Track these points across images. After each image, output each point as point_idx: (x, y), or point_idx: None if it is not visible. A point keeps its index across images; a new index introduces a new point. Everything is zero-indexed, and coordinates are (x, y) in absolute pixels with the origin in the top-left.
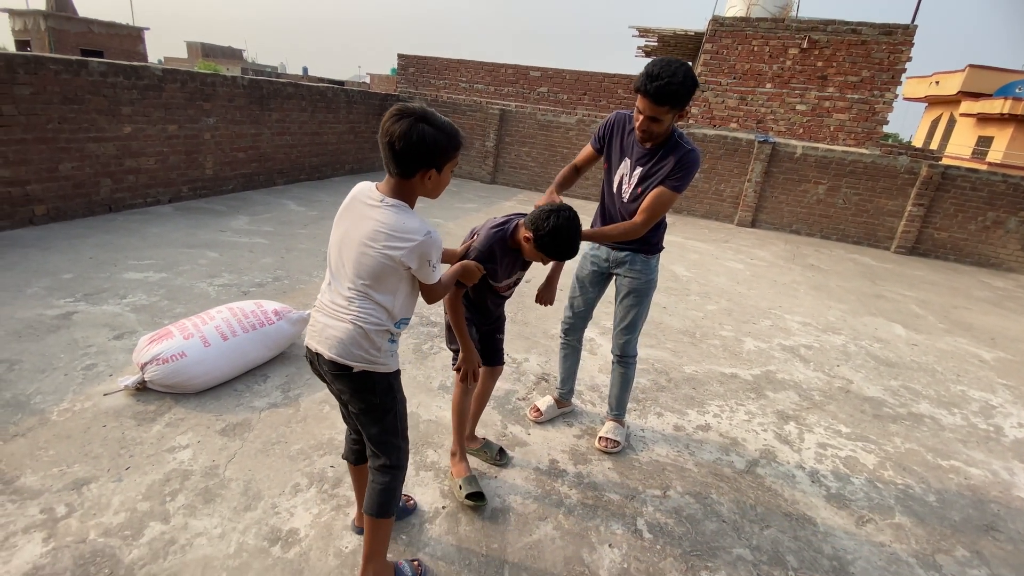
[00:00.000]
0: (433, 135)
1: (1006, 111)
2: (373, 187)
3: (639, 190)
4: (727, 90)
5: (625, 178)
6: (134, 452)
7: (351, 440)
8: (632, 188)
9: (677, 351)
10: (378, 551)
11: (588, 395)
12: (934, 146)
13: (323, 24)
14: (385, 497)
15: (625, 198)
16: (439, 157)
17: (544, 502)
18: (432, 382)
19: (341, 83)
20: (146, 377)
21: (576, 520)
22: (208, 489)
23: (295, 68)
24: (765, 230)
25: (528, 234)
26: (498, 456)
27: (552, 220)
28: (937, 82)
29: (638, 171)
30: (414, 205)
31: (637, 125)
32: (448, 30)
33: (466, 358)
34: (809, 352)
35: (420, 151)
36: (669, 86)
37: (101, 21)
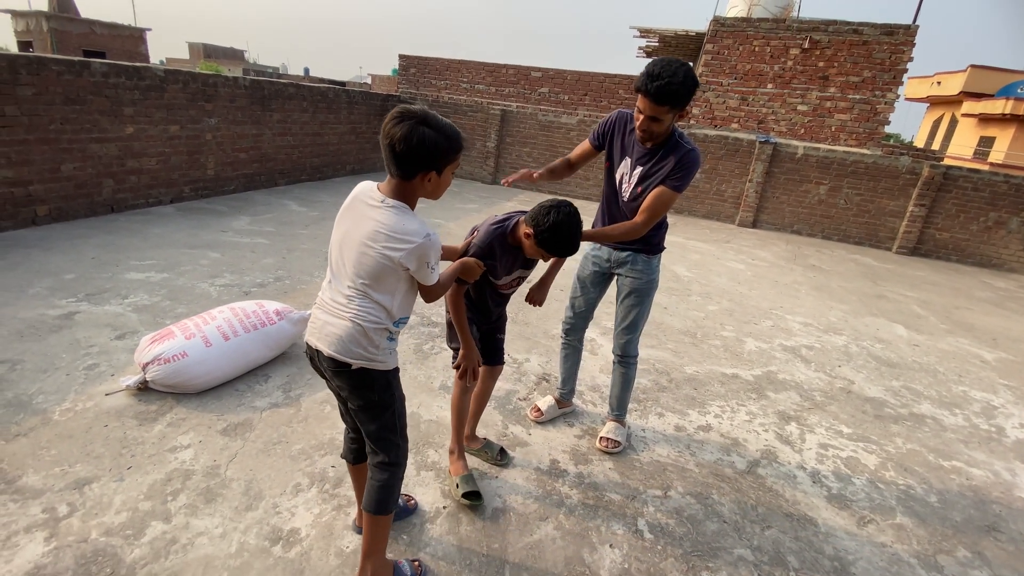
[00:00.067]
0: (433, 138)
1: (1008, 111)
2: (374, 187)
3: (639, 190)
4: (728, 90)
5: (625, 177)
6: (136, 452)
7: (349, 439)
8: (632, 187)
9: (678, 351)
10: (377, 548)
11: (589, 395)
12: (936, 146)
13: (324, 25)
14: (383, 494)
15: (625, 197)
16: (439, 160)
17: (545, 502)
18: (433, 382)
19: (342, 84)
20: (148, 377)
21: (577, 520)
22: (209, 489)
23: (297, 69)
24: (766, 230)
25: (528, 230)
26: (499, 456)
27: (552, 216)
28: (939, 82)
29: (638, 171)
30: (415, 206)
31: (638, 125)
32: (448, 30)
33: (466, 355)
34: (810, 353)
35: (420, 153)
36: (669, 86)
37: (103, 22)
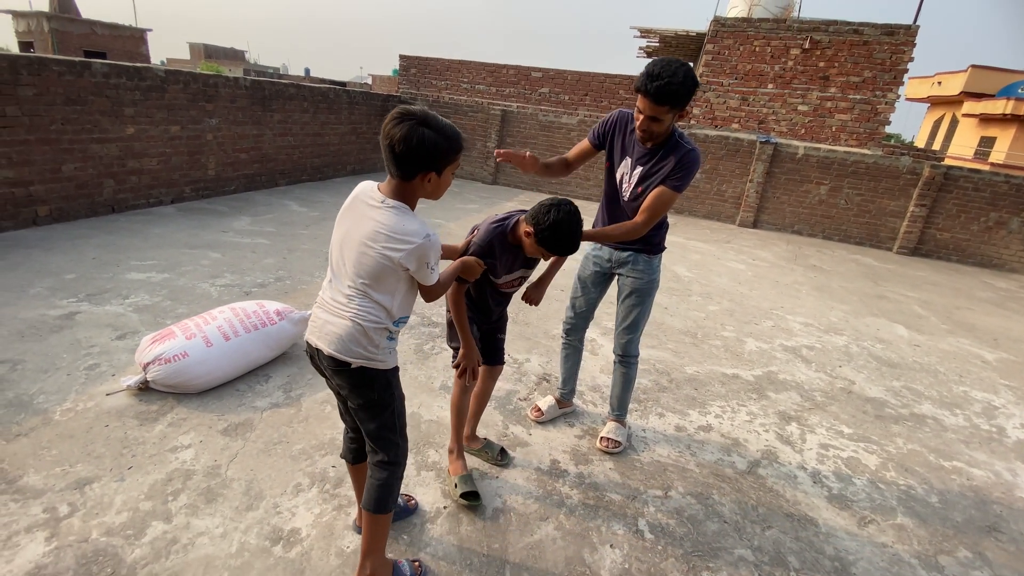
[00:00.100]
0: (433, 138)
1: (1008, 112)
2: (375, 187)
3: (639, 189)
4: (729, 91)
5: (626, 177)
6: (136, 452)
7: (349, 439)
8: (632, 187)
9: (679, 351)
10: (376, 547)
11: (589, 395)
12: (936, 147)
13: (324, 25)
14: (382, 493)
15: (626, 197)
16: (439, 160)
17: (545, 502)
18: (433, 382)
19: (343, 84)
20: (148, 377)
21: (577, 520)
22: (210, 489)
23: (297, 69)
24: (767, 231)
25: (529, 229)
26: (499, 456)
27: (553, 214)
28: (939, 83)
29: (638, 170)
30: (415, 207)
31: (638, 125)
32: (448, 30)
33: (466, 354)
34: (811, 353)
35: (420, 154)
36: (669, 86)
37: (104, 23)
